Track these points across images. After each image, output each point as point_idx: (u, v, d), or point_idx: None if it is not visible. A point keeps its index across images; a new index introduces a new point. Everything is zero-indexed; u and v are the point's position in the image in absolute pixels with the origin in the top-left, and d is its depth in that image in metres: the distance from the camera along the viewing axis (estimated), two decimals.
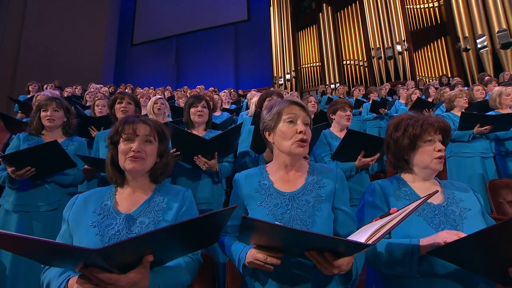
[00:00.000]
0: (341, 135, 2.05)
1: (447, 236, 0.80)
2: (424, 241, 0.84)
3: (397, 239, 0.92)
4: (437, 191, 0.84)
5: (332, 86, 9.07)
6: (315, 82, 9.92)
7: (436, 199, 0.99)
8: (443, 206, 0.97)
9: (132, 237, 0.60)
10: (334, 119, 2.14)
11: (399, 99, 4.70)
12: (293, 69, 10.24)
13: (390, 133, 1.06)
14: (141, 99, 3.51)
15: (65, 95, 4.82)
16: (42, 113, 1.76)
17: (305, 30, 10.56)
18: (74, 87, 6.14)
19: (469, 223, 0.92)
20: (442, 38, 8.51)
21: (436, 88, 4.31)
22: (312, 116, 2.73)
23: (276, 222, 0.77)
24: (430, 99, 4.03)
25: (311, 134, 0.98)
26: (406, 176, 1.07)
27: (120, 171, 0.95)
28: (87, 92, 4.72)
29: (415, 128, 0.99)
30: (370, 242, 0.61)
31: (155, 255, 0.69)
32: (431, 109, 3.37)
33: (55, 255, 0.65)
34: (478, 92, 3.51)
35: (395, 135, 1.03)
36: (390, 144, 1.06)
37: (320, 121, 2.22)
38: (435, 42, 8.61)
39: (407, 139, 1.00)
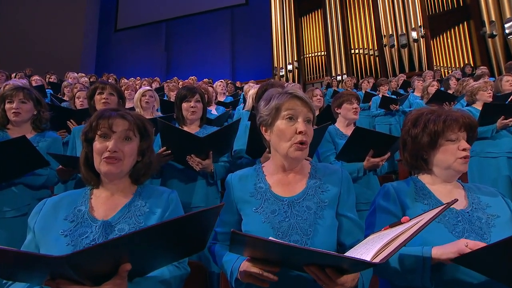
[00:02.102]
0: (347, 131, 2.05)
1: (469, 242, 0.79)
2: (440, 249, 0.83)
3: (410, 247, 0.90)
4: (456, 200, 0.82)
5: (339, 77, 9.06)
6: (319, 73, 9.91)
7: (459, 204, 0.97)
8: (467, 212, 0.95)
9: (103, 242, 0.59)
10: (340, 113, 2.13)
11: (413, 92, 4.68)
12: (295, 59, 10.21)
13: (407, 129, 1.04)
14: (126, 91, 3.47)
15: (34, 84, 4.61)
16: (7, 105, 1.71)
17: (309, 15, 10.52)
18: (48, 76, 6.07)
19: (497, 232, 0.90)
20: (465, 22, 8.48)
21: (458, 79, 4.27)
22: (317, 112, 2.75)
23: (270, 238, 0.77)
24: (450, 92, 4.00)
25: (312, 132, 0.98)
26: (424, 178, 1.06)
27: (95, 171, 0.93)
28: (64, 84, 4.66)
29: (436, 124, 0.97)
30: (377, 260, 0.61)
31: (133, 263, 0.67)
32: (452, 103, 3.33)
33: (16, 266, 0.63)
34: (508, 83, 3.43)
35: (414, 131, 1.02)
36: (407, 142, 1.04)
37: (326, 117, 2.20)
38: (456, 28, 8.58)
39: (427, 136, 0.99)
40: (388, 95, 4.60)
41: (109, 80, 6.14)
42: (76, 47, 11.08)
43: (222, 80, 5.09)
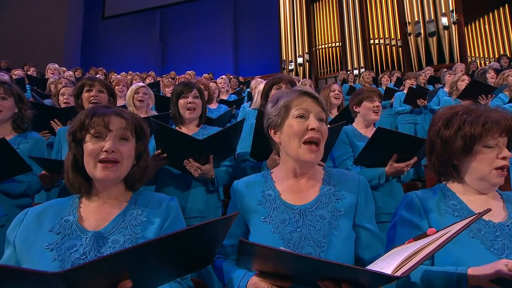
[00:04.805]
0: (367, 133, 2.05)
1: (509, 262, 0.77)
2: (476, 268, 0.81)
3: (442, 267, 0.90)
4: (489, 210, 0.81)
5: (356, 72, 9.05)
6: (334, 67, 9.91)
7: (498, 217, 0.96)
8: (507, 226, 0.94)
9: (102, 256, 0.60)
10: (359, 112, 2.14)
11: (443, 88, 4.63)
12: (306, 51, 10.23)
13: (437, 130, 1.03)
14: (116, 87, 3.52)
15: (14, 79, 4.67)
16: None
17: (322, 1, 10.54)
18: (26, 68, 6.17)
19: None
20: (506, 5, 8.35)
21: (497, 71, 4.19)
22: (336, 111, 2.73)
23: (281, 247, 0.79)
24: None
25: (327, 131, 1.00)
26: (454, 186, 1.05)
27: (85, 176, 0.93)
28: (51, 80, 4.72)
29: (474, 127, 0.95)
30: (398, 274, 0.62)
31: (133, 280, 0.68)
32: (490, 96, 3.23)
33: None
34: None
35: (445, 133, 1.00)
36: (435, 144, 1.03)
37: (346, 118, 2.20)
38: (495, 12, 8.47)
39: (461, 140, 0.97)
40: (415, 88, 4.50)
41: (98, 75, 6.21)
42: (58, 37, 11.11)
43: (223, 76, 5.11)
